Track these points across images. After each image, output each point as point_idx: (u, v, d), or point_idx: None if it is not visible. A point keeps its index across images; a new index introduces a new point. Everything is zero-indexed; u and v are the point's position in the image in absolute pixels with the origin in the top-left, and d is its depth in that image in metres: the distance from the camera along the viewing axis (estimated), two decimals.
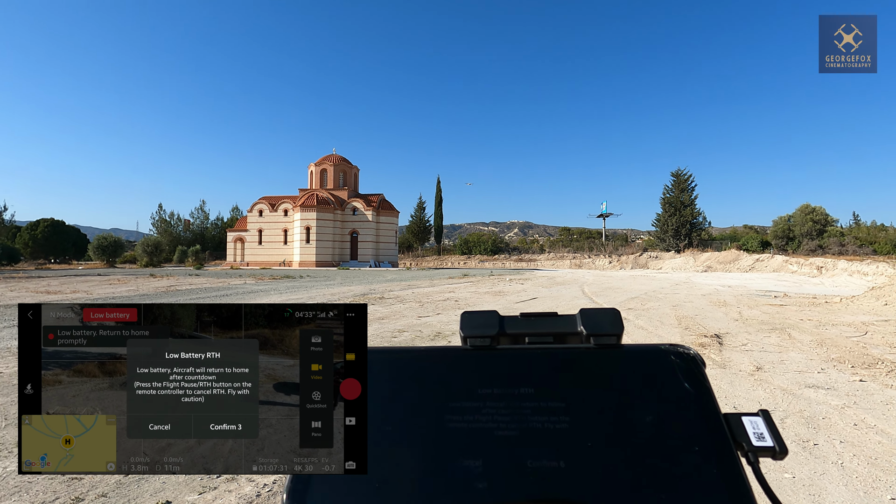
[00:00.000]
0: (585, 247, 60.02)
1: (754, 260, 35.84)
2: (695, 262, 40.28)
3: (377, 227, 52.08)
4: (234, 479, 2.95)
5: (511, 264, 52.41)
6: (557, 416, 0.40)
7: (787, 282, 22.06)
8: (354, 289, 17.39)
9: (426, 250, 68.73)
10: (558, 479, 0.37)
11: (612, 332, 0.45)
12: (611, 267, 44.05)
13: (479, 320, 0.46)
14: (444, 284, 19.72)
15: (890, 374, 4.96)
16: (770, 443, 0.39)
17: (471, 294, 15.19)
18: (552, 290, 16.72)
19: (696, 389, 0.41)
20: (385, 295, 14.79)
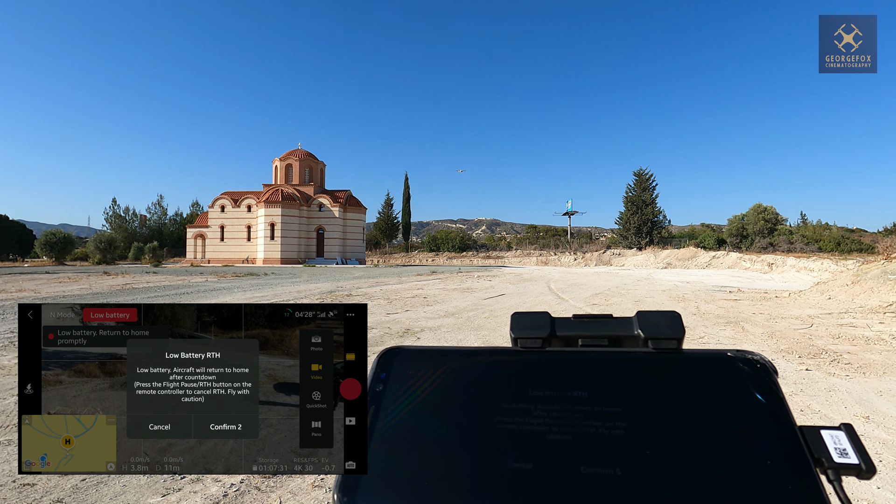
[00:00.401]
0: (552, 244, 61.11)
1: (711, 257, 37.40)
2: (655, 259, 41.65)
3: (344, 223, 51.42)
4: (200, 479, 2.88)
5: (479, 261, 52.81)
6: (613, 422, 0.38)
7: (740, 278, 23.13)
8: (321, 286, 17.13)
9: (394, 247, 68.38)
10: (613, 486, 0.35)
11: (672, 336, 0.42)
12: (576, 264, 45.02)
13: (530, 321, 0.45)
14: (412, 281, 19.68)
15: (832, 363, 5.30)
16: (854, 460, 0.36)
17: (439, 291, 15.23)
18: (519, 287, 16.96)
19: (767, 399, 0.39)
20: (353, 292, 14.65)
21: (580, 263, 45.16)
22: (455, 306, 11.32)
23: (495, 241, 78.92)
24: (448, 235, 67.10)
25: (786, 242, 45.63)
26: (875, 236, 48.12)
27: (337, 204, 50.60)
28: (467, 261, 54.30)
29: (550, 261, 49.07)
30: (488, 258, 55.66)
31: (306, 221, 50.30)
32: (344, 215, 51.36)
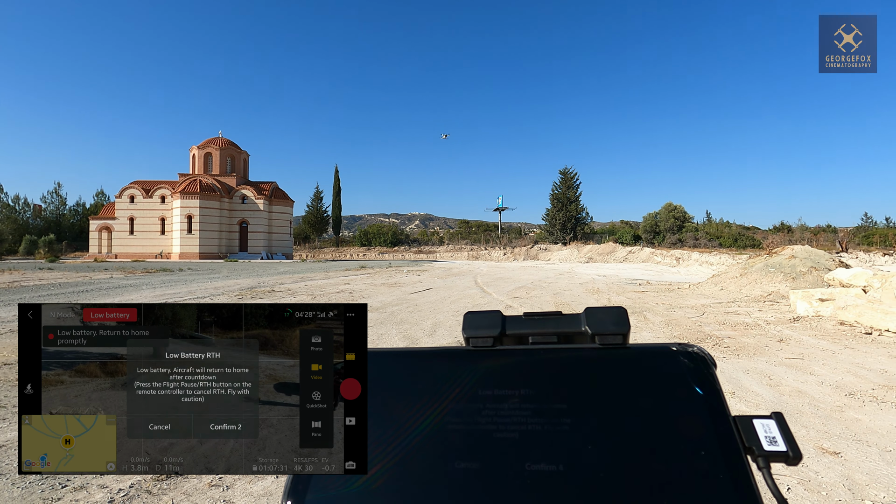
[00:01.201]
0: (482, 239, 62.48)
1: (627, 252, 40.05)
2: (579, 253, 43.90)
3: (269, 216, 49.30)
4: (84, 487, 2.71)
5: (411, 256, 52.87)
6: (559, 418, 0.39)
7: (651, 271, 24.99)
8: (241, 282, 16.37)
9: (324, 242, 66.65)
10: (557, 482, 0.36)
11: (617, 332, 0.43)
12: (505, 259, 46.38)
13: (482, 321, 0.45)
14: (339, 277, 19.34)
15: (714, 346, 5.92)
16: (783, 447, 0.37)
17: (366, 286, 15.10)
18: (447, 281, 17.21)
19: (705, 391, 0.40)
20: (275, 288, 14.14)
21: (509, 258, 46.58)
22: (380, 301, 11.28)
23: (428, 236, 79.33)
24: (380, 230, 66.51)
25: (692, 238, 49.91)
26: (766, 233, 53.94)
27: (262, 196, 48.35)
28: (399, 255, 54.16)
29: (481, 255, 50.16)
30: (420, 253, 55.86)
31: (228, 214, 47.64)
32: (269, 208, 49.23)
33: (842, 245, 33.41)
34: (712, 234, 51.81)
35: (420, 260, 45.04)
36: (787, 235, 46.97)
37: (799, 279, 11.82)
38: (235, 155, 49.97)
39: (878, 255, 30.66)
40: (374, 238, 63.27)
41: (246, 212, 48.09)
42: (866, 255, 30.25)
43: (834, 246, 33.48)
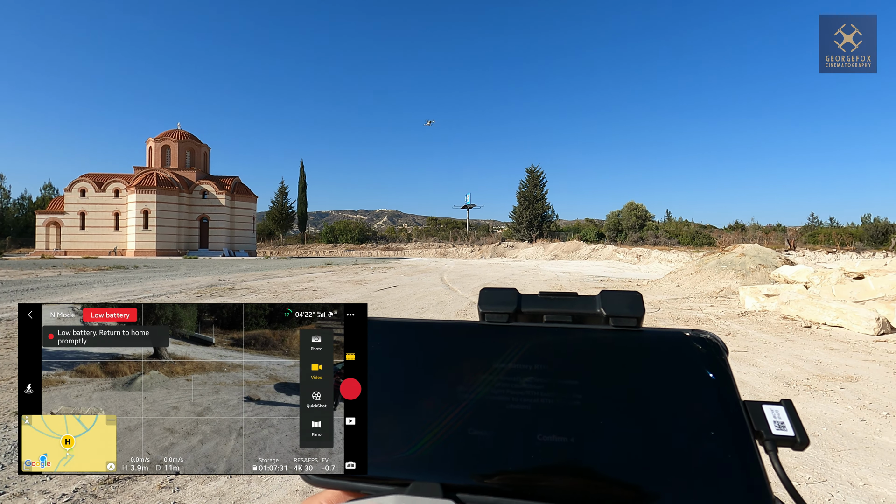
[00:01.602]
0: (450, 236, 62.68)
1: (591, 249, 41.04)
2: (544, 251, 44.67)
3: (232, 212, 47.90)
4: (24, 493, 2.61)
5: (378, 253, 52.48)
6: (570, 394, 0.39)
7: (613, 268, 25.70)
8: (201, 279, 15.88)
9: (289, 238, 65.35)
10: (567, 452, 0.37)
11: (632, 315, 0.44)
12: (473, 256, 46.69)
13: (498, 297, 0.46)
14: (304, 274, 19.03)
15: None
16: (791, 432, 0.38)
17: (331, 283, 14.92)
18: (413, 279, 17.20)
19: (717, 375, 0.40)
20: (236, 286, 13.80)
21: (476, 255, 46.92)
22: (344, 298, 11.17)
23: (396, 233, 78.93)
24: (347, 226, 65.71)
25: (653, 237, 51.57)
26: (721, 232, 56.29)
27: (223, 191, 46.91)
28: (366, 252, 53.69)
29: (449, 252, 50.33)
30: (388, 250, 55.52)
31: (187, 209, 46.01)
32: (231, 203, 47.81)
33: (790, 243, 35.29)
34: (672, 232, 53.69)
35: (387, 257, 44.81)
36: (740, 234, 49.21)
37: (748, 276, 12.42)
38: (195, 148, 48.27)
39: (823, 252, 32.55)
40: (341, 235, 62.46)
41: (206, 207, 46.57)
42: (812, 253, 32.06)
43: (783, 244, 35.32)
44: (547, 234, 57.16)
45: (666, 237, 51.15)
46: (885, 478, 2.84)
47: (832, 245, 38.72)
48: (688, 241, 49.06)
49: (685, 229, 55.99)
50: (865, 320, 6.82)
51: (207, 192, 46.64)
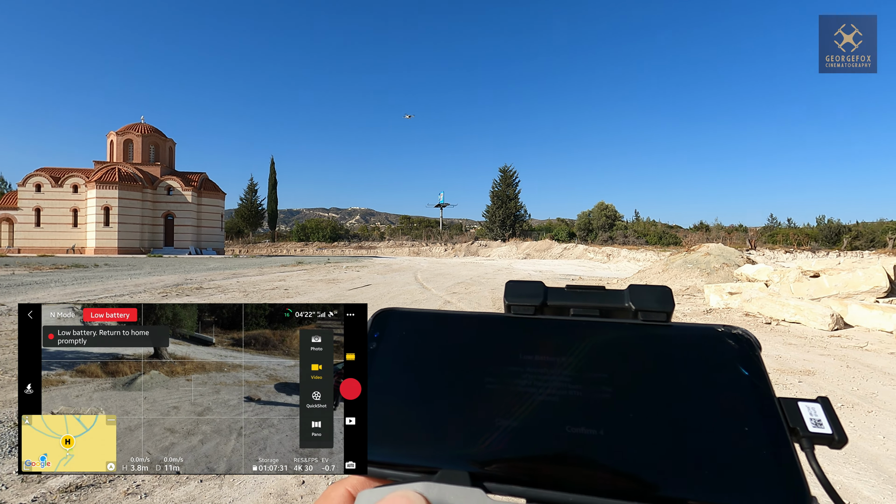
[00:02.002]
0: (424, 235, 62.60)
1: (563, 248, 41.69)
2: (517, 249, 45.11)
3: (199, 209, 46.56)
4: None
5: (351, 252, 51.97)
6: (599, 387, 0.39)
7: (584, 267, 26.18)
8: (166, 278, 15.38)
9: (259, 236, 63.99)
10: (596, 445, 0.37)
11: (661, 310, 0.43)
12: (446, 254, 46.75)
13: (524, 289, 0.46)
14: (274, 273, 18.67)
15: None
16: (828, 430, 0.37)
17: (303, 282, 14.69)
18: (387, 277, 17.11)
19: (750, 371, 0.40)
20: (204, 285, 13.43)
21: (450, 254, 47.00)
22: (316, 297, 11.02)
23: (369, 232, 78.34)
24: (319, 224, 64.83)
25: (622, 236, 52.75)
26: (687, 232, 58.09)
27: (190, 188, 45.52)
28: (339, 251, 53.08)
29: (422, 251, 50.25)
30: (361, 248, 55.05)
31: (151, 206, 44.48)
32: (198, 200, 46.47)
33: (751, 243, 36.70)
34: (640, 232, 55.07)
35: (360, 256, 44.43)
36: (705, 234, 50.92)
37: (713, 274, 12.85)
38: (160, 143, 46.69)
39: (781, 252, 34.01)
40: (313, 233, 61.55)
41: (172, 204, 45.10)
42: (771, 253, 33.45)
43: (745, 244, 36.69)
44: (519, 233, 57.76)
45: (634, 237, 52.42)
46: (839, 466, 2.99)
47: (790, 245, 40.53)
48: (655, 241, 50.41)
49: (653, 229, 57.54)
50: (821, 317, 7.16)
51: (173, 188, 45.19)
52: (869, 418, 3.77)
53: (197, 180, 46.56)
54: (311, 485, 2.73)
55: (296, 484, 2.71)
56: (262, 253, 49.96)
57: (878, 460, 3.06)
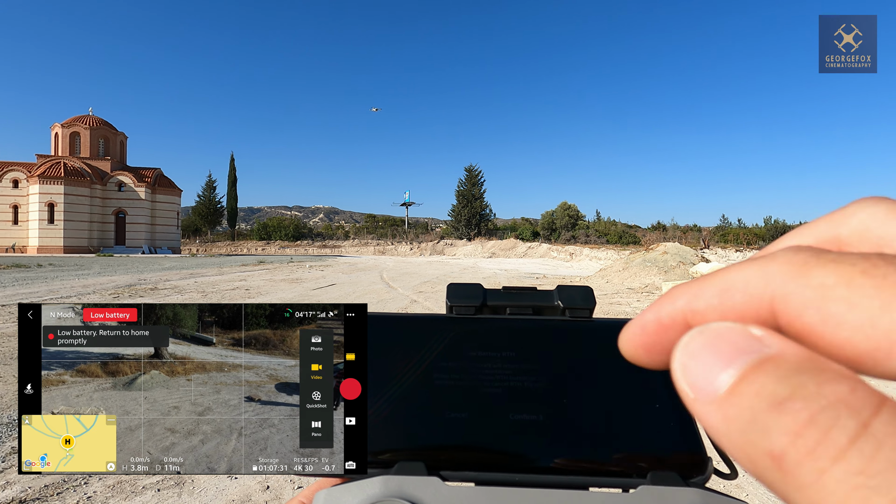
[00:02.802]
0: (389, 234, 62.25)
1: (527, 247, 42.34)
2: (483, 248, 45.51)
3: (153, 206, 44.63)
4: None
5: (314, 251, 51.08)
6: (536, 377, 0.43)
7: (548, 265, 26.68)
8: (118, 279, 14.67)
9: (218, 235, 61.96)
10: (537, 429, 0.41)
11: (585, 307, 0.48)
12: (412, 253, 46.63)
13: (465, 291, 0.50)
14: (234, 273, 18.12)
15: None
16: None
17: (265, 282, 14.33)
18: (352, 277, 16.92)
19: None
20: (159, 285, 12.89)
21: (416, 253, 46.91)
22: (279, 298, 10.77)
23: (333, 230, 77.18)
24: (281, 223, 63.39)
25: (584, 235, 54.08)
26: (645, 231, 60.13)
27: (143, 184, 43.53)
28: (302, 250, 52.07)
29: (388, 250, 49.93)
30: (324, 247, 54.16)
31: (100, 203, 42.29)
32: (152, 197, 44.53)
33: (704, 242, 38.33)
34: (601, 231, 56.61)
35: (324, 255, 43.74)
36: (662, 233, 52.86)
37: (670, 272, 13.35)
38: (110, 136, 44.42)
39: (732, 251, 35.72)
40: (275, 232, 60.09)
41: (123, 201, 43.01)
42: (723, 252, 35.07)
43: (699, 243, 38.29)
44: (485, 232, 58.28)
45: (596, 236, 53.87)
46: None
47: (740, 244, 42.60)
48: (616, 240, 51.93)
49: (613, 229, 59.25)
50: None
51: (124, 184, 43.10)
52: None
53: (151, 176, 44.59)
54: (276, 490, 2.66)
55: (259, 490, 2.64)
56: (221, 252, 48.42)
57: None
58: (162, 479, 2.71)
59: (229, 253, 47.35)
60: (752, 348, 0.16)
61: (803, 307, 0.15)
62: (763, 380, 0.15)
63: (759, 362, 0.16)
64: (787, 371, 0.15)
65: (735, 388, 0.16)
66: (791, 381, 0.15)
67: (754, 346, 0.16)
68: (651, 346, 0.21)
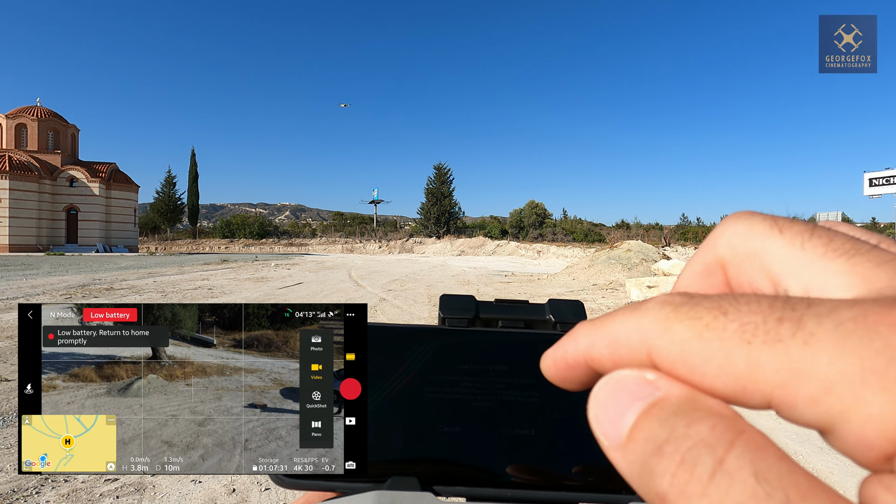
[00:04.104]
0: (357, 232, 61.59)
1: (496, 245, 42.72)
2: (452, 246, 45.61)
3: (107, 203, 42.65)
4: None
5: (280, 249, 50.01)
6: (528, 392, 0.43)
7: (516, 263, 27.01)
8: (70, 279, 13.96)
9: (178, 233, 59.83)
10: (529, 445, 0.41)
11: (576, 321, 0.48)
12: (380, 252, 46.29)
13: (458, 303, 0.49)
14: (196, 272, 17.54)
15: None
16: None
17: (229, 281, 13.93)
18: (319, 275, 16.66)
19: None
20: (115, 285, 12.36)
21: (384, 251, 46.60)
22: (245, 297, 10.50)
23: (299, 228, 75.74)
24: (245, 220, 61.78)
25: (551, 233, 55.00)
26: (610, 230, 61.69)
27: (97, 179, 41.52)
28: (267, 248, 50.89)
29: (356, 248, 49.41)
30: (291, 245, 53.08)
31: (50, 199, 40.11)
32: (107, 193, 42.55)
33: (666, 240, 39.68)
34: (568, 229, 57.73)
35: (291, 253, 42.88)
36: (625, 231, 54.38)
37: (633, 269, 13.74)
38: (60, 129, 42.18)
39: (692, 248, 37.06)
40: (238, 229, 58.47)
41: (75, 197, 40.93)
42: (683, 249, 36.35)
43: (661, 241, 39.59)
44: (454, 230, 58.45)
45: (563, 234, 54.87)
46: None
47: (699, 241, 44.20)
48: (581, 238, 53.04)
49: (579, 227, 60.51)
50: None
51: (76, 179, 41.02)
52: None
53: (105, 171, 42.58)
54: (242, 493, 2.61)
55: (225, 493, 2.58)
56: (181, 250, 46.79)
57: (772, 433, 3.43)
58: (121, 487, 2.61)
59: (190, 251, 45.81)
60: (644, 393, 0.17)
61: (672, 361, 0.17)
62: (650, 424, 0.17)
63: (647, 408, 0.17)
64: (667, 414, 0.16)
65: (630, 434, 0.17)
66: (668, 424, 0.16)
67: (647, 391, 0.17)
68: (564, 379, 0.23)
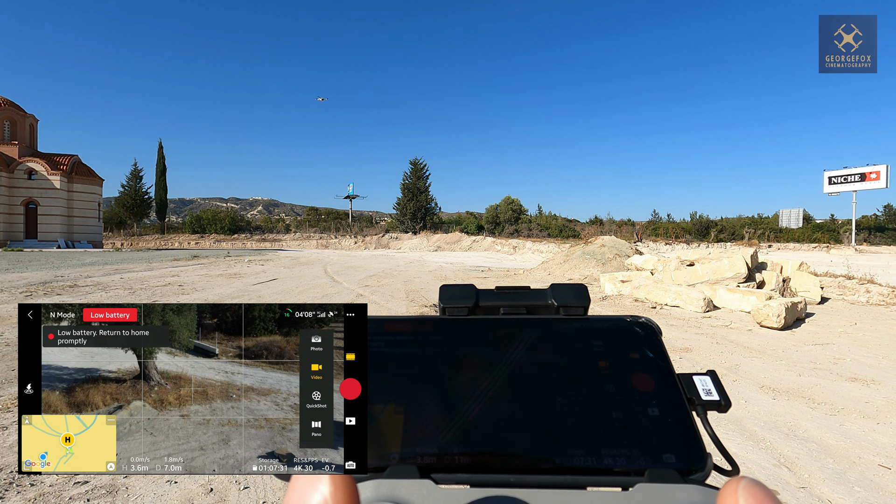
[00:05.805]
0: (332, 227, 60.84)
1: (472, 241, 42.86)
2: (428, 242, 45.52)
3: (69, 196, 40.92)
4: None
5: (253, 244, 49.01)
6: (530, 377, 0.44)
7: (492, 259, 27.15)
8: (30, 275, 13.37)
9: (145, 228, 57.92)
10: (535, 426, 0.42)
11: (579, 305, 0.49)
12: (356, 247, 45.86)
13: (457, 292, 0.50)
14: (165, 268, 17.04)
15: None
16: (717, 398, 0.46)
17: (200, 277, 13.59)
18: (294, 271, 16.40)
19: (655, 354, 0.47)
20: (79, 282, 11.89)
21: (360, 247, 46.18)
22: (217, 294, 10.27)
23: (273, 223, 74.28)
24: (216, 215, 60.18)
25: (527, 229, 55.47)
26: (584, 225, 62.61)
27: (57, 171, 39.76)
28: (240, 244, 49.80)
29: (331, 244, 48.81)
30: (264, 241, 52.08)
31: (7, 192, 38.23)
32: (69, 186, 40.83)
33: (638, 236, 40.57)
34: (543, 225, 58.33)
35: (264, 249, 42.09)
36: (599, 227, 55.26)
37: (607, 264, 13.99)
38: (17, 119, 40.16)
39: (662, 244, 38.00)
40: (209, 224, 56.96)
41: (34, 190, 39.10)
42: (654, 244, 37.28)
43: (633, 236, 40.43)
44: (430, 225, 58.33)
45: (538, 230, 55.40)
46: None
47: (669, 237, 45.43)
48: (556, 234, 53.71)
49: (554, 222, 61.25)
50: (695, 300, 8.12)
51: (35, 171, 39.19)
52: (734, 386, 4.36)
53: (66, 163, 40.83)
54: (220, 492, 2.56)
55: (202, 493, 2.53)
56: (149, 246, 45.36)
57: (741, 421, 3.55)
58: (91, 490, 2.53)
59: (159, 247, 44.46)
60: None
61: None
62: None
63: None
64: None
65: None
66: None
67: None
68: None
